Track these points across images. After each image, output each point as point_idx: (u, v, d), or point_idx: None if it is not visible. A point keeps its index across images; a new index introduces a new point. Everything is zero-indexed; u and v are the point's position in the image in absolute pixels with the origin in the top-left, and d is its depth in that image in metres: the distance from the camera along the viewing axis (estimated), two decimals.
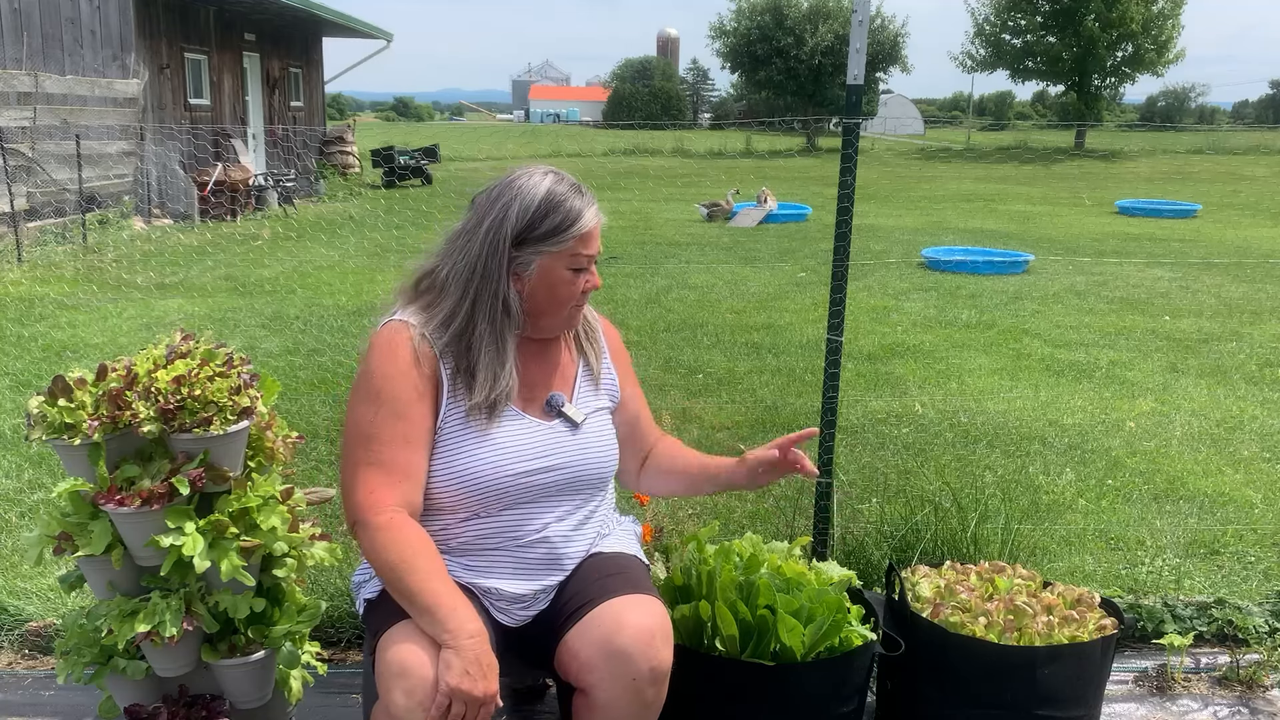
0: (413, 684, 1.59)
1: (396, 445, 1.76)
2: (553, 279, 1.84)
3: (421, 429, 1.79)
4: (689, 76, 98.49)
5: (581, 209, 1.84)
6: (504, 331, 1.84)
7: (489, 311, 1.82)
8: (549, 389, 1.93)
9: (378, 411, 1.77)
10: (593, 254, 1.87)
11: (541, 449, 1.85)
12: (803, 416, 4.99)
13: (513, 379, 1.85)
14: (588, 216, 1.84)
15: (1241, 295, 8.81)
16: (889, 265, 10.29)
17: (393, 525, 1.71)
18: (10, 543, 3.34)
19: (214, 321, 7.15)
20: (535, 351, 1.94)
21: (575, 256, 1.84)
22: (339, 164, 19.85)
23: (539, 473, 1.84)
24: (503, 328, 1.83)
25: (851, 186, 2.62)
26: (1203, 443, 4.76)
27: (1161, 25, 33.31)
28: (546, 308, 1.87)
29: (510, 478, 1.82)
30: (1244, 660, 2.64)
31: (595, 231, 1.86)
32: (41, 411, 1.81)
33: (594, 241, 1.86)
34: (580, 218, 1.83)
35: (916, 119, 58.73)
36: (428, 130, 48.90)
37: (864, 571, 2.80)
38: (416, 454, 1.78)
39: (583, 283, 1.88)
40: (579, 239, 1.83)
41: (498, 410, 1.83)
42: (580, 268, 1.86)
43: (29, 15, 13.04)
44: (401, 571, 1.67)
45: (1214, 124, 60.48)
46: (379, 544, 1.70)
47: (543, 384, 1.93)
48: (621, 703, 1.71)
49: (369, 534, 1.72)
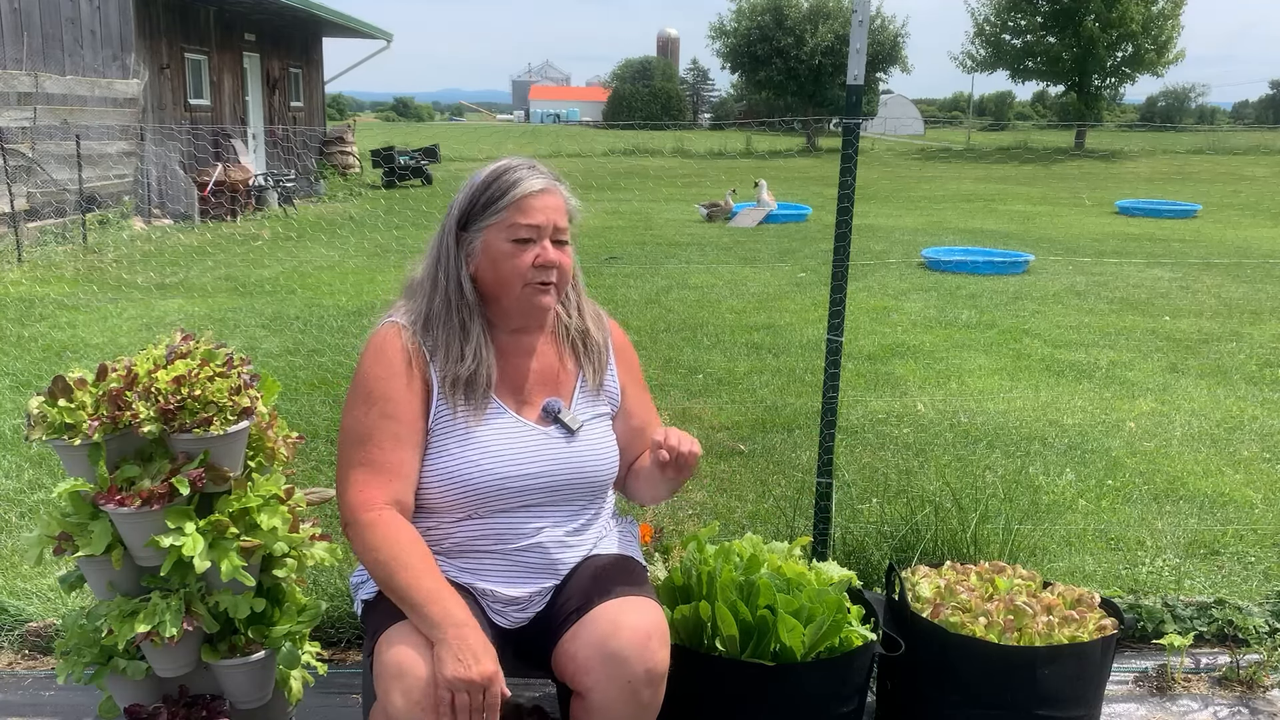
0: (410, 684, 1.59)
1: (387, 445, 1.77)
2: (494, 253, 1.83)
3: (413, 428, 1.80)
4: (689, 77, 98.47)
5: (519, 180, 1.82)
6: (465, 316, 1.85)
7: (449, 297, 1.85)
8: (545, 393, 1.92)
9: (369, 412, 1.79)
10: (535, 224, 1.82)
11: (535, 454, 1.85)
12: (803, 416, 4.99)
13: (488, 363, 1.84)
14: (525, 185, 1.82)
15: (1241, 295, 8.81)
16: (889, 265, 10.28)
17: (381, 522, 1.72)
18: (10, 543, 3.34)
19: (214, 322, 7.15)
20: (518, 348, 1.92)
21: (513, 227, 1.81)
22: (339, 164, 19.86)
23: (531, 477, 1.84)
24: (462, 311, 1.85)
25: (851, 186, 2.62)
26: (1203, 443, 4.76)
27: (1161, 25, 33.29)
28: (496, 289, 1.86)
29: (500, 480, 1.82)
30: (1244, 660, 2.64)
31: (537, 203, 1.82)
32: (41, 411, 1.81)
33: (535, 212, 1.82)
34: (514, 187, 1.82)
35: (916, 119, 58.69)
36: (428, 130, 48.89)
37: (864, 571, 2.80)
38: (408, 453, 1.79)
39: (531, 258, 1.82)
40: (513, 207, 1.81)
41: (476, 394, 1.83)
42: (521, 239, 1.82)
43: (29, 15, 13.04)
44: (392, 569, 1.68)
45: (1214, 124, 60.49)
46: (369, 542, 1.72)
47: (538, 388, 1.92)
48: (618, 704, 1.71)
49: (359, 532, 1.73)
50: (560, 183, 1.90)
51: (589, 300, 2.05)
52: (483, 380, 1.84)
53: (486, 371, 1.85)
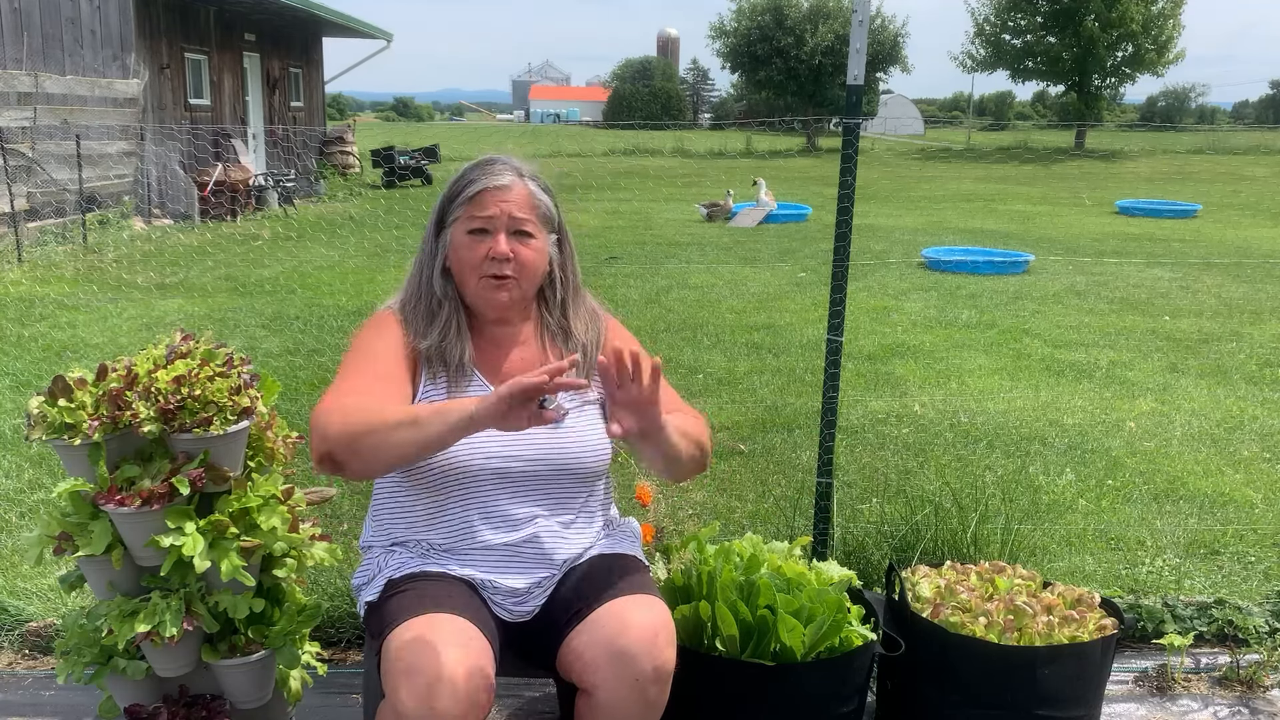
0: (419, 683, 1.58)
1: (366, 378, 1.79)
2: (455, 245, 1.89)
3: (397, 378, 1.82)
4: (689, 76, 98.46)
5: (479, 175, 1.88)
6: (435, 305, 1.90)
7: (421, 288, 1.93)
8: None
9: (358, 356, 1.85)
10: (488, 215, 1.85)
11: (517, 438, 1.83)
12: (803, 416, 4.99)
13: (458, 341, 1.88)
14: (484, 181, 1.86)
15: (1241, 295, 8.81)
16: (889, 265, 10.28)
17: (339, 406, 1.69)
18: (10, 543, 3.34)
19: (214, 321, 7.15)
20: (503, 337, 1.95)
21: (471, 219, 1.87)
22: (339, 164, 19.85)
23: (517, 460, 1.85)
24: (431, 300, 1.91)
25: (851, 186, 2.62)
26: (1203, 443, 4.76)
27: (1161, 25, 33.28)
28: (459, 281, 1.91)
29: (483, 459, 1.83)
30: (1244, 660, 2.64)
31: (492, 196, 1.85)
32: (41, 411, 1.81)
33: (489, 205, 1.85)
34: (474, 182, 1.87)
35: (916, 119, 58.68)
36: (428, 130, 48.87)
37: (864, 571, 2.80)
38: (385, 387, 1.78)
39: (484, 250, 1.85)
40: (471, 201, 1.86)
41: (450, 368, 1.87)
42: (475, 229, 1.86)
43: (29, 15, 13.04)
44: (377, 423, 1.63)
45: (1214, 124, 60.46)
46: (338, 427, 1.65)
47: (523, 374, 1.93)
48: (625, 703, 1.71)
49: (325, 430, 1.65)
50: (531, 179, 1.91)
51: (590, 299, 2.05)
52: (455, 355, 1.88)
53: (459, 347, 1.88)
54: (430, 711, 1.57)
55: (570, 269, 2.00)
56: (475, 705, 1.60)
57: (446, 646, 1.62)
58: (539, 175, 1.94)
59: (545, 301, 1.99)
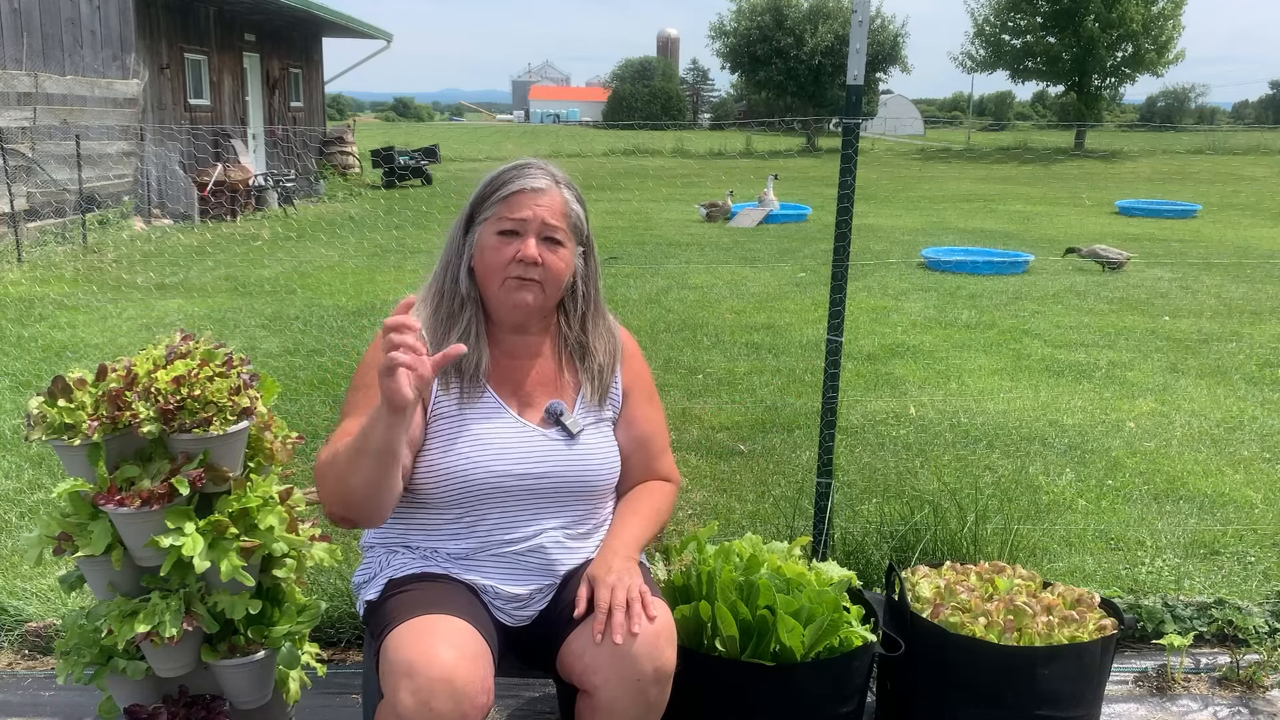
0: (419, 684, 1.58)
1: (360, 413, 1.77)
2: (483, 245, 1.87)
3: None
4: (689, 77, 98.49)
5: (516, 176, 1.87)
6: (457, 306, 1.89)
7: (445, 287, 1.91)
8: (547, 395, 1.92)
9: (355, 393, 1.84)
10: (521, 218, 1.83)
11: (535, 454, 1.85)
12: (803, 416, 4.99)
13: (480, 347, 1.87)
14: (521, 182, 1.85)
15: (1241, 295, 8.81)
16: (889, 265, 10.28)
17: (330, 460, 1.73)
18: (10, 543, 3.34)
19: (214, 322, 7.15)
20: (520, 348, 1.93)
21: (501, 220, 1.85)
22: (339, 164, 19.85)
23: (530, 477, 1.84)
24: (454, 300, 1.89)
25: (851, 187, 2.62)
26: (1203, 443, 4.76)
27: (1161, 26, 33.29)
28: (483, 282, 1.89)
29: (496, 476, 1.82)
30: (1244, 660, 2.64)
31: (527, 199, 1.84)
32: (41, 412, 1.81)
33: (523, 207, 1.83)
34: (511, 182, 1.86)
35: (916, 119, 58.72)
36: (428, 130, 48.85)
37: (864, 571, 2.80)
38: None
39: (512, 252, 1.83)
40: (504, 201, 1.85)
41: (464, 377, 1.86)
42: (505, 230, 1.84)
43: (29, 15, 13.04)
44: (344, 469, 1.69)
45: (1214, 124, 60.44)
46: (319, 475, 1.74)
47: (540, 390, 1.93)
48: (626, 703, 1.71)
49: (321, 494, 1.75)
50: (566, 187, 1.90)
51: (609, 318, 2.03)
52: (470, 361, 1.86)
53: (475, 354, 1.87)
54: (429, 712, 1.56)
55: (593, 283, 1.98)
56: (474, 707, 1.60)
57: (446, 648, 1.62)
58: (574, 184, 1.93)
59: (565, 314, 1.97)
